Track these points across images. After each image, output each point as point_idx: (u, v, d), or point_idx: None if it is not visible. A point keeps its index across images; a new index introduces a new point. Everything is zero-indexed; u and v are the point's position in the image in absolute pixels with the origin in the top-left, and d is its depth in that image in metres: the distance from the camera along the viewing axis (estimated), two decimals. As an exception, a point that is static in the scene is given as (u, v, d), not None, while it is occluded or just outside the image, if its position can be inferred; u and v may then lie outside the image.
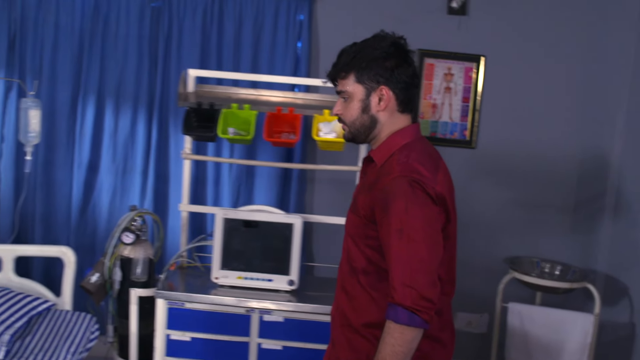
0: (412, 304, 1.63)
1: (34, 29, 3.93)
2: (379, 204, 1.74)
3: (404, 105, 1.86)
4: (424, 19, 3.96)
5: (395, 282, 1.65)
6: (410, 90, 1.86)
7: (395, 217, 1.68)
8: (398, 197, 1.69)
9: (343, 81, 1.86)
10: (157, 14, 3.93)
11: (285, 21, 3.92)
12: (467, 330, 4.13)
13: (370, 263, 1.82)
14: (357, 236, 1.85)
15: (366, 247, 1.82)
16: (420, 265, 1.65)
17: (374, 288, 1.82)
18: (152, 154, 3.97)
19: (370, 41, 1.85)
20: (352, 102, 1.85)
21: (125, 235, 2.92)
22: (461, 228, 3.95)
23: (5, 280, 3.01)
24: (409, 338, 1.65)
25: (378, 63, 1.81)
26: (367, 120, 1.85)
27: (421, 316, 1.64)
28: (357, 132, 1.89)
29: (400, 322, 1.64)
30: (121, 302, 3.01)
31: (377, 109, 1.84)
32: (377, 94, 1.83)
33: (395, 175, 1.72)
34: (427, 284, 1.64)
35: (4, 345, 2.59)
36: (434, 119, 4.03)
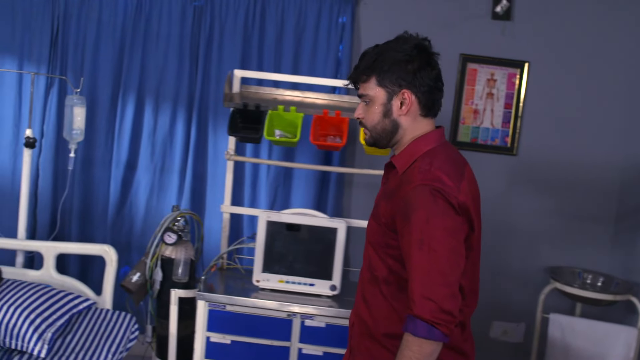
0: (432, 316, 1.58)
1: (77, 26, 3.94)
2: (399, 212, 1.69)
3: (427, 110, 1.81)
4: (468, 24, 3.91)
5: (414, 294, 1.61)
6: (433, 94, 1.81)
7: (416, 227, 1.63)
8: (419, 207, 1.64)
9: (364, 84, 1.81)
10: (199, 13, 3.92)
11: (328, 23, 3.89)
12: (503, 340, 4.07)
13: (392, 272, 1.77)
14: (377, 244, 1.80)
15: (387, 256, 1.77)
16: (440, 277, 1.60)
17: (395, 298, 1.78)
18: (190, 154, 3.96)
19: (392, 43, 1.80)
20: (373, 106, 1.81)
21: (168, 236, 2.90)
22: (498, 235, 3.95)
23: (46, 277, 3.01)
24: (427, 352, 1.60)
25: (400, 66, 1.76)
26: (388, 124, 1.81)
27: (441, 329, 1.58)
28: (379, 137, 1.84)
29: (419, 335, 1.59)
30: (161, 303, 3.00)
31: (399, 114, 1.79)
32: (399, 97, 1.78)
33: (416, 183, 1.68)
34: (447, 296, 1.60)
35: (47, 343, 2.59)
36: (475, 125, 3.97)
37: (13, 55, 3.96)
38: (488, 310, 4.06)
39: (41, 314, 2.65)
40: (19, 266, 3.15)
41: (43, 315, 2.65)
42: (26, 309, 2.64)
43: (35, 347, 2.57)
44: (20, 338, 2.58)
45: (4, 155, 3.96)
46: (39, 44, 3.94)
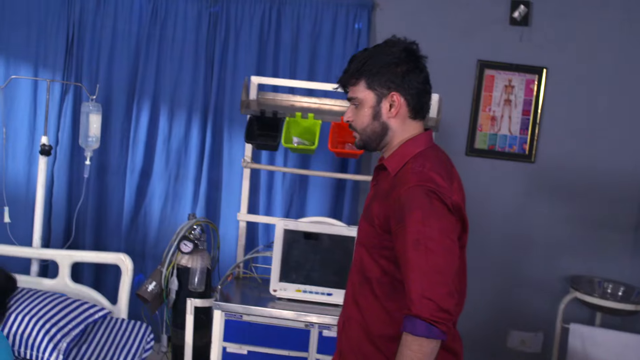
0: (430, 315, 1.59)
1: (92, 33, 3.93)
2: (394, 214, 1.70)
3: (416, 112, 1.83)
4: (485, 29, 3.87)
5: (412, 294, 1.61)
6: (422, 96, 1.83)
7: (412, 228, 1.64)
8: (414, 208, 1.65)
9: (354, 87, 1.83)
10: (214, 19, 3.90)
11: (344, 30, 3.86)
12: (520, 350, 4.02)
13: (385, 274, 1.78)
14: (371, 246, 1.80)
15: (381, 257, 1.77)
16: (437, 276, 1.62)
17: (388, 299, 1.78)
18: (205, 161, 3.93)
19: (381, 47, 1.82)
20: (363, 108, 1.82)
21: (184, 244, 2.87)
22: (516, 244, 3.90)
23: (61, 285, 2.98)
24: (427, 350, 1.61)
25: (389, 69, 1.77)
26: (378, 127, 1.82)
27: (440, 328, 1.59)
28: (368, 140, 1.85)
29: (419, 334, 1.59)
30: (176, 312, 2.96)
31: (388, 116, 1.81)
32: (388, 100, 1.80)
33: (411, 185, 1.69)
34: (445, 295, 1.61)
35: (62, 353, 2.56)
36: (492, 132, 3.93)
37: (28, 62, 3.96)
38: (506, 320, 4.01)
39: (56, 324, 2.62)
40: (33, 275, 3.13)
41: (58, 325, 2.62)
42: (41, 318, 2.62)
43: (50, 357, 2.54)
44: (36, 348, 2.55)
45: (18, 162, 3.95)
46: (54, 51, 3.94)
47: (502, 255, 3.98)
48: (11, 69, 3.97)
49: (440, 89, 3.35)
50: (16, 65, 3.97)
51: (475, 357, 3.99)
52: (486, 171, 3.94)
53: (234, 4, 3.84)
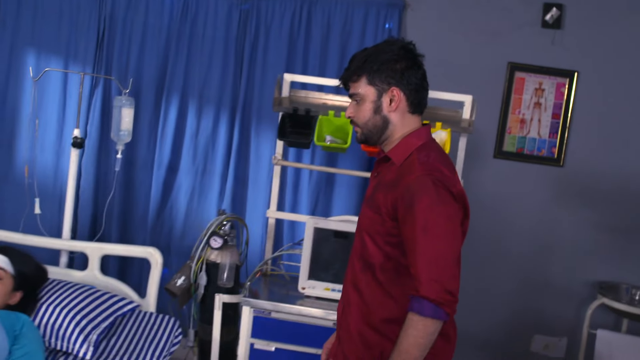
0: (437, 297, 1.67)
1: (123, 28, 3.95)
2: (402, 201, 1.77)
3: (415, 107, 1.90)
4: (516, 32, 3.85)
5: (421, 277, 1.70)
6: (420, 92, 1.90)
7: (420, 215, 1.72)
8: (423, 196, 1.73)
9: (355, 84, 1.90)
10: (244, 16, 3.90)
11: (374, 29, 3.86)
12: (544, 354, 3.99)
13: (389, 259, 1.85)
14: (375, 233, 1.86)
15: (385, 244, 1.84)
16: (444, 260, 1.70)
17: (392, 283, 1.85)
18: (232, 157, 3.94)
19: (380, 45, 1.90)
20: (364, 103, 1.89)
21: (214, 240, 2.88)
22: (542, 247, 3.87)
23: (90, 278, 2.99)
24: (431, 330, 1.70)
25: (389, 65, 1.85)
26: (379, 121, 1.89)
27: (445, 309, 1.68)
28: (370, 133, 1.92)
29: (425, 314, 1.68)
30: (204, 307, 2.97)
31: (389, 110, 1.88)
32: (389, 95, 1.87)
33: (419, 174, 1.77)
34: (450, 278, 1.70)
35: (92, 345, 2.57)
36: (521, 135, 3.90)
37: (59, 55, 3.99)
38: (530, 324, 3.99)
39: (87, 316, 2.63)
40: (62, 266, 3.15)
41: (89, 317, 2.63)
42: (72, 310, 2.63)
43: (80, 348, 2.55)
44: (66, 339, 2.56)
45: (47, 154, 3.98)
46: (84, 45, 3.96)
47: (527, 259, 3.95)
48: (42, 61, 3.99)
49: (470, 90, 3.35)
50: (47, 58, 4.00)
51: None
52: (514, 174, 3.91)
53: (265, 1, 3.85)
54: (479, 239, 3.68)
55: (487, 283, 3.93)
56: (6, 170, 4.02)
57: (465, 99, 3.11)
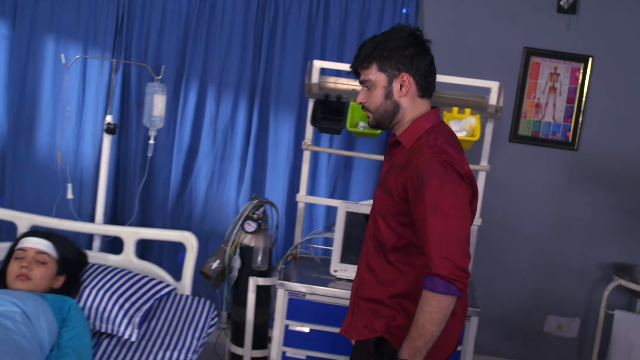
0: (449, 274, 1.75)
1: (142, 13, 3.96)
2: (412, 183, 1.84)
3: (424, 91, 1.97)
4: (532, 17, 3.90)
5: (433, 255, 1.77)
6: (428, 76, 1.96)
7: (430, 195, 1.79)
8: (432, 177, 1.80)
9: (366, 71, 1.96)
10: (263, 2, 3.93)
11: (391, 14, 3.89)
12: (557, 334, 4.08)
13: (400, 239, 1.93)
14: (388, 214, 1.94)
15: (397, 224, 1.92)
16: (454, 238, 1.78)
17: (403, 262, 1.94)
18: (251, 141, 3.98)
19: (389, 33, 1.95)
20: (375, 89, 1.95)
21: (248, 224, 2.93)
22: (556, 230, 3.95)
23: (126, 262, 3.03)
24: (445, 305, 1.77)
25: (398, 52, 1.91)
26: (390, 105, 1.95)
27: (457, 285, 1.76)
28: (381, 118, 1.98)
29: (438, 290, 1.76)
30: (237, 290, 3.02)
31: (399, 95, 1.94)
32: (399, 80, 1.93)
33: (427, 156, 1.83)
34: (461, 255, 1.77)
35: (136, 327, 2.62)
36: (536, 119, 3.97)
37: (78, 40, 3.99)
38: (543, 305, 4.08)
39: (129, 299, 2.68)
40: (95, 250, 3.19)
41: (131, 300, 2.68)
42: (114, 293, 2.68)
43: (125, 330, 2.60)
44: (111, 322, 2.61)
45: (67, 139, 3.99)
46: (103, 31, 3.97)
47: (542, 241, 4.04)
48: (61, 47, 4.00)
49: (486, 75, 3.41)
50: (66, 43, 4.00)
51: (512, 340, 4.08)
52: (529, 158, 3.98)
53: (283, -14, 3.87)
54: (494, 221, 3.75)
55: (502, 264, 4.01)
56: (27, 155, 4.04)
57: (492, 85, 3.17)
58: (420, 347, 1.81)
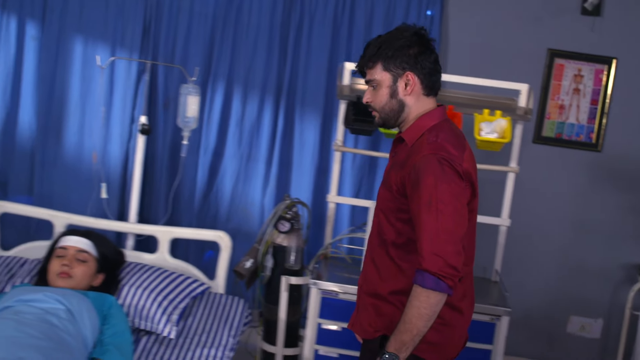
0: (439, 270, 1.76)
1: (169, 14, 4.00)
2: (410, 179, 1.86)
3: (429, 89, 1.99)
4: (556, 19, 3.93)
5: (423, 251, 1.78)
6: (433, 75, 1.98)
7: (425, 191, 1.80)
8: (428, 173, 1.81)
9: (371, 70, 1.99)
10: (289, 4, 3.96)
11: (416, 16, 3.92)
12: (580, 335, 4.11)
13: (400, 235, 1.95)
14: (388, 210, 1.97)
15: (397, 220, 1.95)
16: (447, 235, 1.78)
17: (402, 259, 1.96)
18: (277, 142, 4.02)
19: (393, 32, 1.97)
20: (380, 89, 1.97)
21: (281, 224, 2.97)
22: (579, 230, 3.98)
23: (160, 260, 3.08)
24: (433, 302, 1.78)
25: (403, 51, 1.93)
26: (395, 104, 1.97)
27: (446, 282, 1.77)
28: (387, 117, 2.01)
29: (427, 286, 1.77)
30: (270, 288, 3.06)
31: (404, 94, 1.96)
32: (404, 79, 1.95)
33: (425, 153, 1.85)
34: (452, 252, 1.77)
35: (174, 324, 2.67)
36: (560, 120, 4.00)
37: (106, 41, 4.03)
38: (566, 305, 4.10)
39: (167, 297, 2.73)
40: (129, 249, 3.23)
41: (169, 298, 2.73)
42: (153, 291, 2.72)
43: (164, 328, 2.65)
44: (150, 319, 2.66)
45: (95, 139, 4.03)
46: (131, 32, 4.01)
47: (564, 242, 4.06)
48: (89, 48, 4.04)
49: (510, 76, 3.45)
50: (94, 44, 4.05)
51: (535, 341, 4.10)
52: (552, 159, 4.01)
53: (309, -11, 3.91)
54: (517, 222, 3.77)
55: (525, 264, 4.04)
56: (55, 155, 4.08)
57: (521, 87, 3.20)
58: (406, 341, 1.83)
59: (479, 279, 3.37)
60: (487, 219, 3.30)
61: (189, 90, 3.12)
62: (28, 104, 4.10)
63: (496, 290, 3.18)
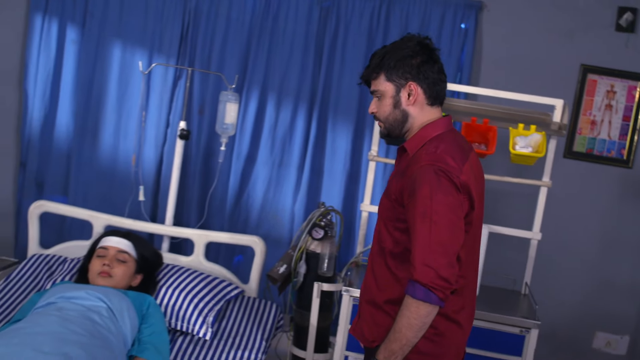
0: (429, 282, 1.75)
1: (206, 21, 4.07)
2: (407, 189, 1.87)
3: (433, 99, 1.99)
4: (590, 34, 3.94)
5: (415, 261, 1.78)
6: (437, 84, 1.98)
7: (421, 202, 1.80)
8: (424, 184, 1.81)
9: (375, 81, 2.00)
10: (325, 14, 4.02)
11: (450, 29, 3.96)
12: (605, 351, 4.11)
13: (397, 244, 1.95)
14: (387, 219, 1.98)
15: (395, 229, 1.95)
16: (439, 247, 1.77)
17: (399, 268, 1.95)
18: (309, 149, 4.07)
19: (398, 43, 1.99)
20: (384, 99, 1.99)
21: (315, 231, 3.02)
22: (607, 246, 3.98)
23: (196, 263, 3.14)
24: (423, 313, 1.78)
25: (405, 62, 1.94)
26: (399, 115, 1.98)
27: (437, 294, 1.76)
28: (391, 127, 2.02)
29: (417, 297, 1.77)
30: (302, 294, 3.11)
31: (407, 104, 1.97)
32: (406, 90, 1.96)
33: (423, 164, 1.85)
34: (444, 265, 1.76)
35: (210, 326, 2.72)
36: (591, 136, 4.01)
37: (144, 46, 4.12)
38: (592, 320, 4.10)
39: (203, 299, 2.78)
40: (164, 251, 3.29)
41: (205, 300, 2.78)
42: (189, 293, 2.78)
43: (200, 329, 2.70)
44: (186, 320, 2.71)
45: (129, 142, 4.11)
46: (169, 38, 4.09)
47: (592, 257, 4.07)
48: (127, 52, 4.13)
49: (542, 90, 3.47)
50: (132, 49, 4.13)
51: (560, 355, 4.11)
52: (582, 174, 4.02)
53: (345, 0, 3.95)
54: (546, 235, 3.77)
55: (552, 278, 4.04)
56: (91, 156, 4.17)
57: (556, 102, 3.22)
58: (395, 350, 1.84)
59: (508, 291, 3.40)
60: (517, 231, 3.33)
61: (228, 97, 3.18)
62: (66, 106, 4.20)
63: (526, 303, 3.20)
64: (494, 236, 3.31)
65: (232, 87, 3.26)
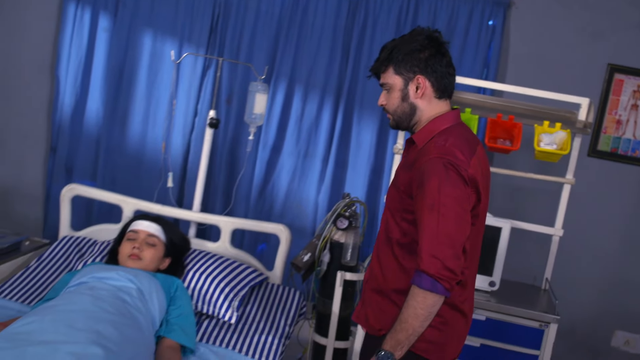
0: (436, 272, 1.78)
1: (236, 13, 4.13)
2: (416, 180, 1.89)
3: (441, 92, 2.00)
4: (617, 34, 3.95)
5: (422, 252, 1.81)
6: (445, 78, 1.99)
7: (429, 194, 1.82)
8: (432, 176, 1.83)
9: (384, 74, 2.03)
10: (353, 8, 4.06)
11: (478, 25, 3.98)
12: (624, 350, 4.12)
13: (405, 235, 1.97)
14: (395, 210, 2.01)
15: (402, 220, 1.97)
16: (446, 238, 1.79)
17: (405, 258, 1.98)
18: (334, 142, 4.12)
19: (407, 36, 2.00)
20: (393, 92, 2.01)
21: (340, 221, 3.07)
22: (630, 245, 3.99)
23: (222, 249, 3.20)
24: (429, 303, 1.81)
25: (413, 55, 1.95)
26: (407, 107, 2.01)
27: (443, 284, 1.79)
28: (400, 120, 2.04)
29: (424, 287, 1.80)
30: (325, 283, 3.16)
31: (415, 97, 1.99)
32: (414, 83, 1.98)
33: (432, 156, 1.87)
34: (451, 256, 1.79)
35: (236, 310, 2.79)
36: (616, 135, 4.01)
37: (174, 37, 4.19)
38: (611, 319, 4.11)
39: (229, 284, 2.85)
40: (191, 237, 3.36)
41: (230, 285, 2.84)
42: (216, 277, 2.84)
43: (226, 313, 2.76)
44: (212, 304, 2.78)
45: (158, 130, 4.18)
46: (199, 29, 4.15)
47: (613, 255, 4.08)
48: (158, 42, 4.20)
49: (568, 88, 3.48)
50: (163, 39, 4.20)
51: (578, 352, 4.13)
52: (607, 173, 4.03)
53: (374, -5, 4.00)
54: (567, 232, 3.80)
55: (572, 275, 4.05)
56: (119, 143, 4.25)
57: (582, 101, 3.24)
58: (402, 340, 1.85)
59: (528, 286, 3.43)
60: (539, 227, 3.36)
61: (258, 87, 3.23)
62: (97, 93, 4.28)
63: (546, 298, 3.23)
64: (515, 231, 3.34)
65: (262, 78, 3.31)
